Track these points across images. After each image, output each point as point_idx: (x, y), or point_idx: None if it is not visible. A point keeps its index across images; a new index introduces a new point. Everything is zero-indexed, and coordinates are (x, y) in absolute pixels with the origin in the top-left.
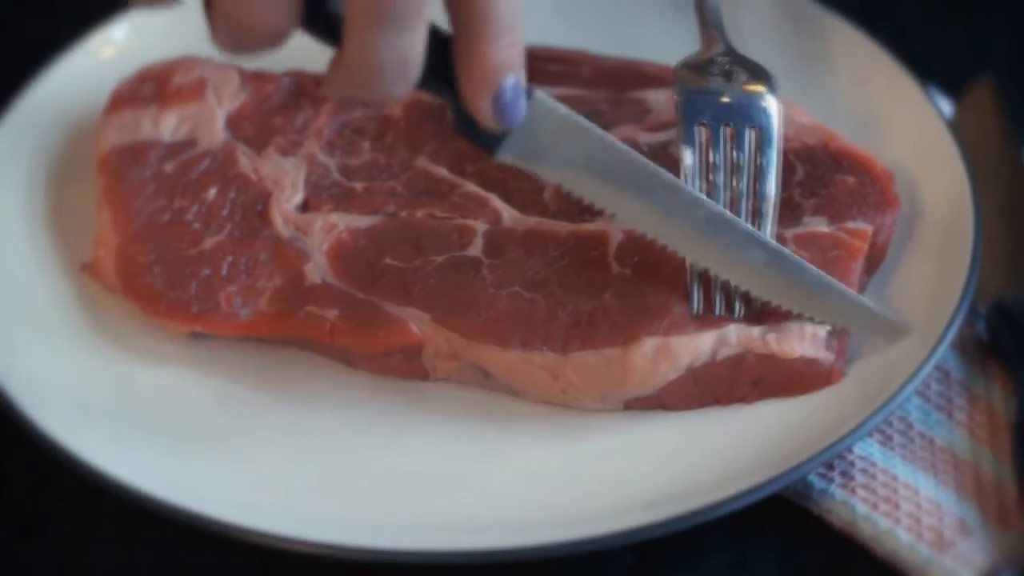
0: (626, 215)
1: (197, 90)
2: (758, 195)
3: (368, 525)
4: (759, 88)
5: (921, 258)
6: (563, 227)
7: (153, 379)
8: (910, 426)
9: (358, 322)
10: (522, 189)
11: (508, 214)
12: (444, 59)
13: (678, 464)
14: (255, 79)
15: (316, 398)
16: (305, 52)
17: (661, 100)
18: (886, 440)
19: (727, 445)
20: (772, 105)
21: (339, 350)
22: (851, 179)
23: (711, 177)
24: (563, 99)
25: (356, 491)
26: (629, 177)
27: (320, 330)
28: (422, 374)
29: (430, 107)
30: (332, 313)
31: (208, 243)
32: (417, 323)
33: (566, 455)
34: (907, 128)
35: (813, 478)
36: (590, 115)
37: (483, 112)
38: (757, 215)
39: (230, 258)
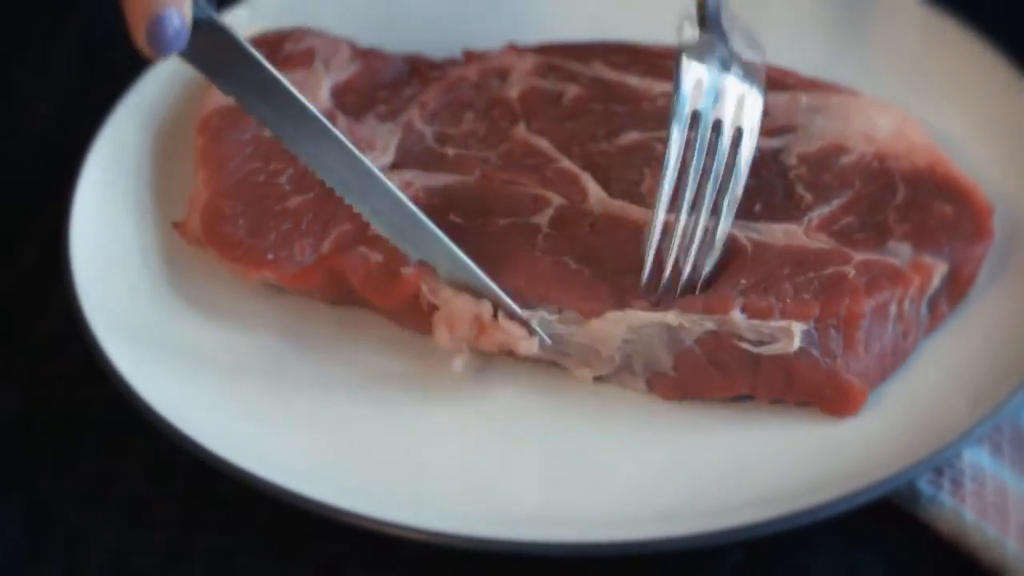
0: (288, 143)
1: (305, 59)
2: (723, 191)
3: (465, 513)
4: (751, 86)
5: None
6: (644, 214)
7: (241, 346)
8: (1020, 434)
9: (392, 272)
10: (623, 178)
11: (595, 195)
12: None
13: (788, 463)
14: (366, 55)
15: (400, 376)
16: (426, 36)
17: (781, 104)
18: (996, 449)
19: (837, 446)
20: (758, 106)
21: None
22: (949, 208)
23: (688, 160)
24: None
25: (453, 480)
26: (289, 115)
27: (360, 273)
28: None
29: (547, 92)
30: (376, 257)
31: (294, 201)
32: None
33: (675, 450)
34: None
35: (923, 484)
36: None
37: (139, 42)
38: (717, 209)
39: (311, 215)
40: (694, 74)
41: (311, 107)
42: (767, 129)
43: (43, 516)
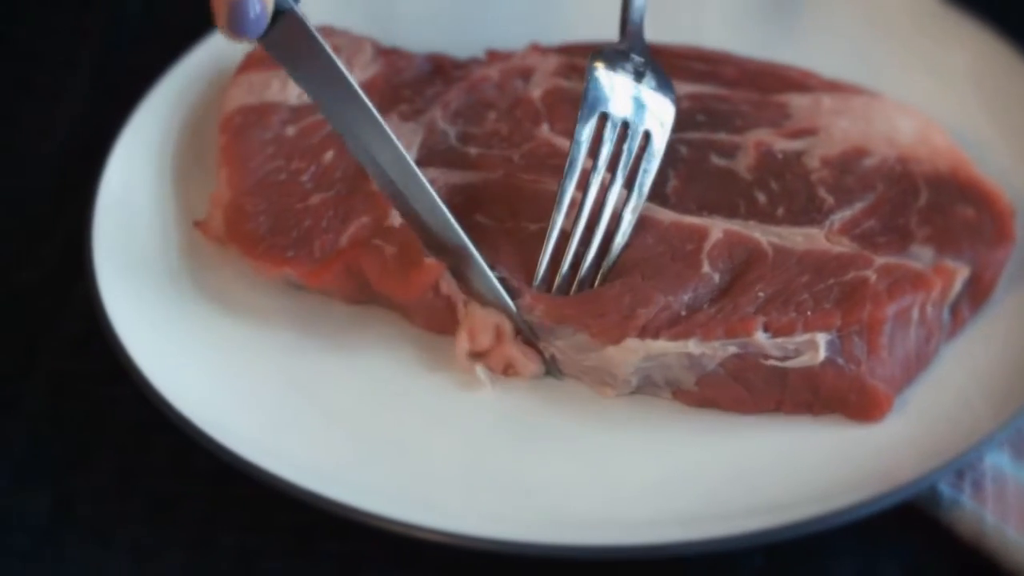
0: (349, 143)
1: None
2: (628, 198)
3: (486, 515)
4: (663, 97)
5: None
6: (666, 215)
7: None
8: None
9: (410, 261)
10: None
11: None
12: None
13: (809, 467)
14: (390, 54)
15: (422, 379)
16: (448, 36)
17: (804, 106)
18: (1017, 452)
19: (859, 450)
20: (668, 118)
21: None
22: (971, 211)
23: (594, 164)
24: (706, 97)
25: (474, 482)
26: (352, 115)
27: (376, 264)
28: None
29: (570, 92)
30: (391, 249)
31: (315, 199)
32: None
33: (697, 454)
34: None
35: (943, 487)
36: (731, 115)
37: (219, 21)
38: (618, 219)
39: (331, 212)
40: (604, 78)
41: (375, 110)
42: (788, 131)
43: (66, 513)
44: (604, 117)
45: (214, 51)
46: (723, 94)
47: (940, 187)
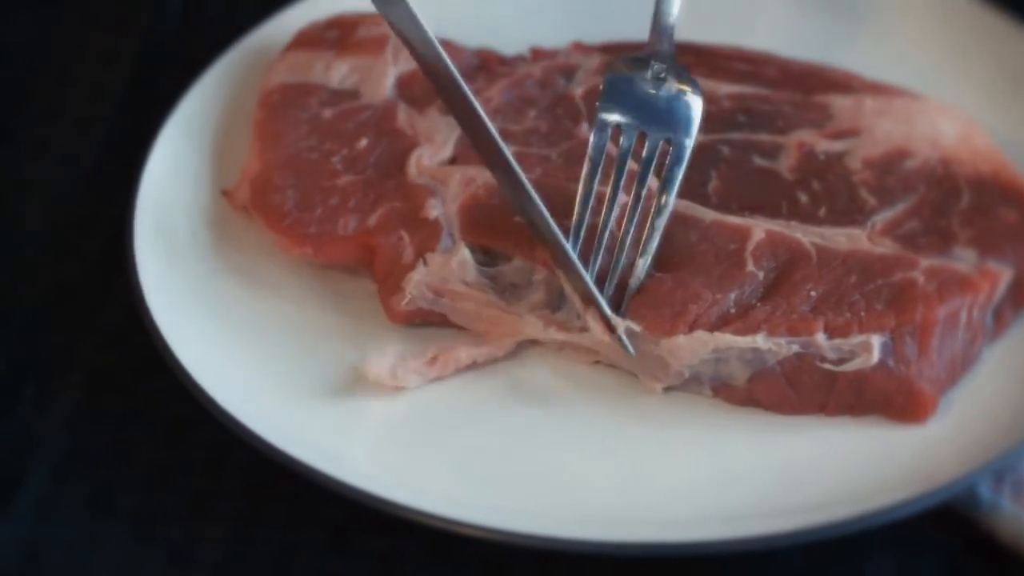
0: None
1: (377, 45)
2: (653, 209)
3: (526, 512)
4: (683, 101)
5: None
6: (707, 214)
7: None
8: None
9: (391, 285)
10: (688, 178)
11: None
12: None
13: (849, 467)
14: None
15: (462, 376)
16: (497, 34)
17: (846, 107)
18: None
19: (899, 451)
20: (694, 123)
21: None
22: (1013, 214)
23: (610, 173)
24: (748, 97)
25: (517, 478)
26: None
27: (385, 259)
28: None
29: None
30: (409, 252)
31: (344, 180)
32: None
33: (739, 452)
34: None
35: (983, 490)
36: (773, 115)
37: None
38: (646, 224)
39: (360, 194)
40: (617, 90)
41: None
42: (830, 132)
43: (105, 507)
44: (618, 128)
45: (259, 46)
46: (765, 94)
47: (982, 189)
